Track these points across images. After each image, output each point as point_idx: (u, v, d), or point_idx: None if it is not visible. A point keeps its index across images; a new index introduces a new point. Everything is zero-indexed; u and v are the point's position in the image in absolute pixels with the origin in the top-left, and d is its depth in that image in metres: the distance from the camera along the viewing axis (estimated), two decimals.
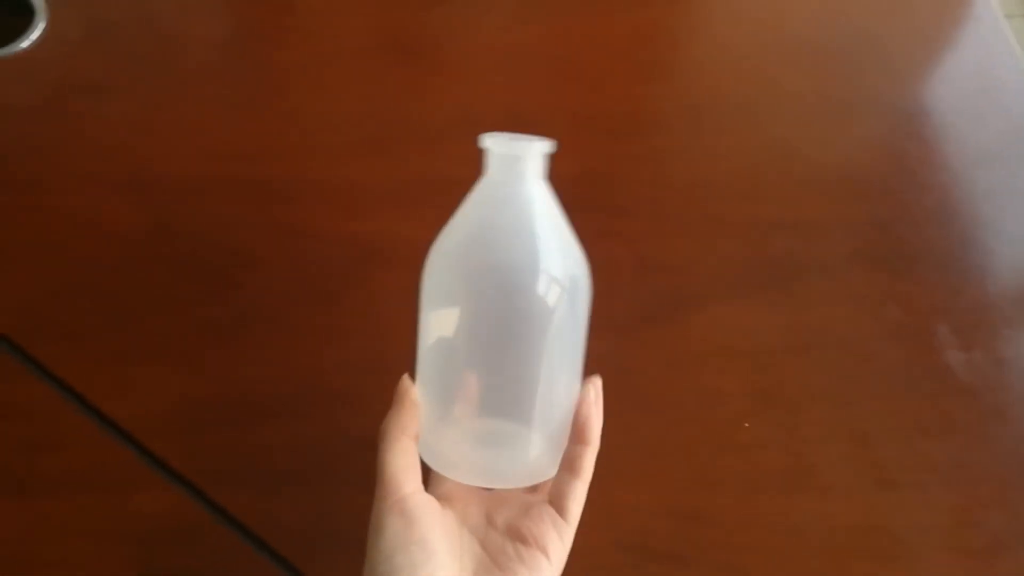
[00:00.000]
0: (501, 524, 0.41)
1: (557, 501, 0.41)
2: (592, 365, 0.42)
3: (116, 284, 0.57)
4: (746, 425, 0.54)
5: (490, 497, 0.43)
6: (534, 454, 0.41)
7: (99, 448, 0.52)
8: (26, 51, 0.66)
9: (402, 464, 0.39)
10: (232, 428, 0.53)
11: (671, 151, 0.64)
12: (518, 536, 0.40)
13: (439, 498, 0.41)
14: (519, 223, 0.40)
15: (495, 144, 0.42)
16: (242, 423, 0.53)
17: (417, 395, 0.41)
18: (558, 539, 0.40)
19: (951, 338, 0.57)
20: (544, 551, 0.40)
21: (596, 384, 0.42)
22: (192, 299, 0.57)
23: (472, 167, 0.63)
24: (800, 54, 0.69)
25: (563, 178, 0.63)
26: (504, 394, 0.40)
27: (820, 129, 0.65)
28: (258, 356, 0.55)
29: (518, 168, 0.41)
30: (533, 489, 0.43)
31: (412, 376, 0.42)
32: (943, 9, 0.73)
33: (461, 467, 0.41)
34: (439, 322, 0.40)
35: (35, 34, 0.66)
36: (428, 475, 0.42)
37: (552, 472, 0.41)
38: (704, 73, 0.69)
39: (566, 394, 0.41)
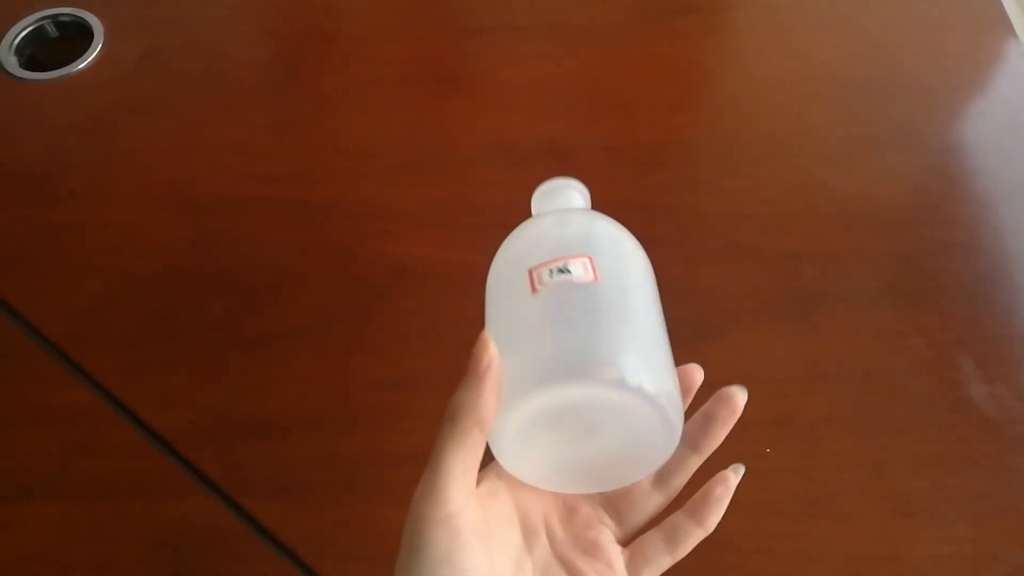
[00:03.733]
0: (560, 541, 0.36)
1: (637, 561, 0.36)
2: None
3: (158, 297, 0.60)
4: (767, 451, 0.54)
5: (554, 499, 0.37)
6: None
7: (137, 454, 0.54)
8: (82, 73, 0.69)
9: (464, 465, 0.32)
10: (264, 440, 0.54)
11: (700, 181, 0.65)
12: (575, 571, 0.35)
13: (493, 481, 0.35)
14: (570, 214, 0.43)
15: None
16: (273, 435, 0.55)
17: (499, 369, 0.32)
18: None
19: (974, 371, 0.57)
20: None
21: (738, 471, 0.38)
22: (229, 313, 0.59)
23: (503, 193, 0.65)
24: (830, 88, 0.71)
25: (594, 205, 0.65)
26: None
27: (848, 162, 0.66)
28: (290, 371, 0.57)
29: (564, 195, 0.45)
30: (613, 508, 0.37)
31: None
32: (973, 48, 0.74)
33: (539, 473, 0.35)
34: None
35: (92, 57, 0.69)
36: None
37: (648, 471, 0.36)
38: (735, 105, 0.70)
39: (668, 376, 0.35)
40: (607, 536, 0.36)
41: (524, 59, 0.72)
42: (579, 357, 0.32)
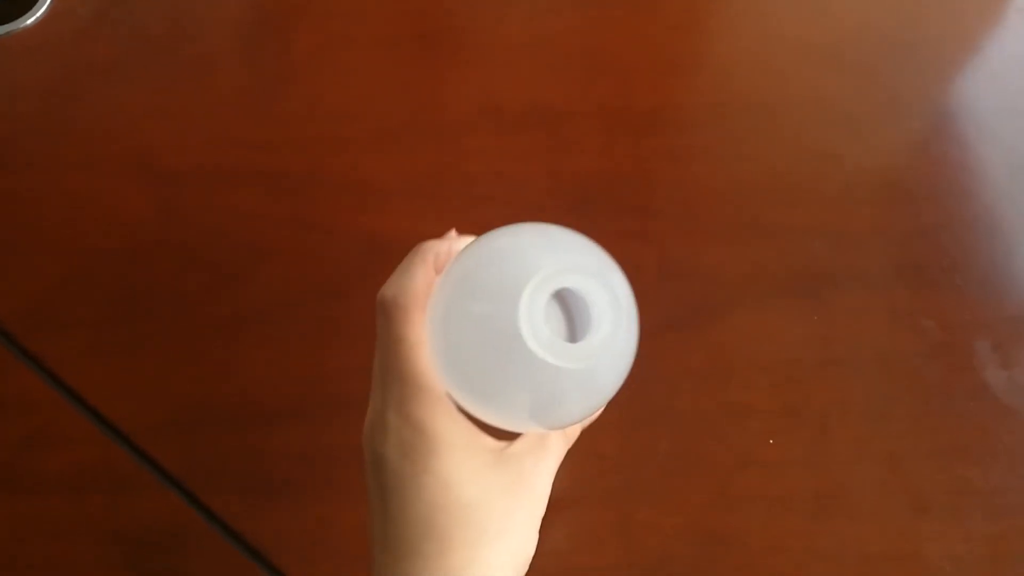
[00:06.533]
0: None
1: None
2: None
3: (117, 274, 0.55)
4: (771, 442, 0.51)
5: None
6: None
7: (93, 447, 0.50)
8: (32, 28, 0.64)
9: (426, 351, 0.31)
10: (231, 431, 0.50)
11: (702, 150, 0.61)
12: None
13: None
14: None
15: None
16: (241, 426, 0.51)
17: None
18: None
19: (991, 355, 0.54)
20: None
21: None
22: (196, 293, 0.54)
23: (492, 162, 0.61)
24: (843, 49, 0.66)
25: (588, 175, 0.60)
26: None
27: (861, 130, 0.62)
28: (262, 355, 0.53)
29: None
30: None
31: None
32: (995, 4, 0.70)
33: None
34: None
35: (42, 10, 0.64)
36: None
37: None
38: (738, 70, 0.66)
39: None
40: None
41: (514, 17, 0.67)
42: None
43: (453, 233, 0.39)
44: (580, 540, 0.48)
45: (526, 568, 0.32)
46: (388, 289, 0.32)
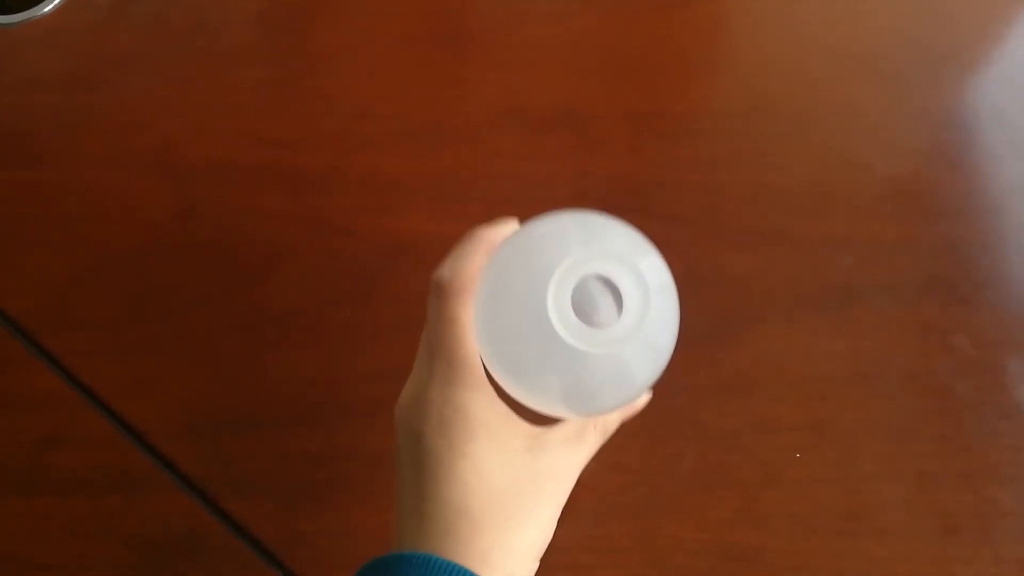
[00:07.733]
0: None
1: None
2: None
3: (137, 272, 0.54)
4: (797, 456, 0.50)
5: None
6: None
7: (110, 447, 0.49)
8: (49, 16, 0.63)
9: (472, 335, 0.33)
10: (250, 435, 0.50)
11: (730, 156, 0.60)
12: None
13: None
14: None
15: None
16: (261, 430, 0.50)
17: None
18: None
19: (1023, 374, 0.53)
20: None
21: None
22: (216, 292, 0.54)
23: (516, 164, 0.60)
24: (878, 55, 0.65)
25: (614, 178, 0.59)
26: None
27: (889, 141, 0.61)
28: (283, 358, 0.52)
29: None
30: None
31: None
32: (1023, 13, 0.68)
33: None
34: None
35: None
36: None
37: None
38: (768, 76, 0.64)
39: None
40: None
41: (541, 15, 0.66)
42: None
43: (508, 221, 0.39)
44: (603, 554, 0.47)
45: (543, 551, 0.34)
46: (444, 271, 0.34)
